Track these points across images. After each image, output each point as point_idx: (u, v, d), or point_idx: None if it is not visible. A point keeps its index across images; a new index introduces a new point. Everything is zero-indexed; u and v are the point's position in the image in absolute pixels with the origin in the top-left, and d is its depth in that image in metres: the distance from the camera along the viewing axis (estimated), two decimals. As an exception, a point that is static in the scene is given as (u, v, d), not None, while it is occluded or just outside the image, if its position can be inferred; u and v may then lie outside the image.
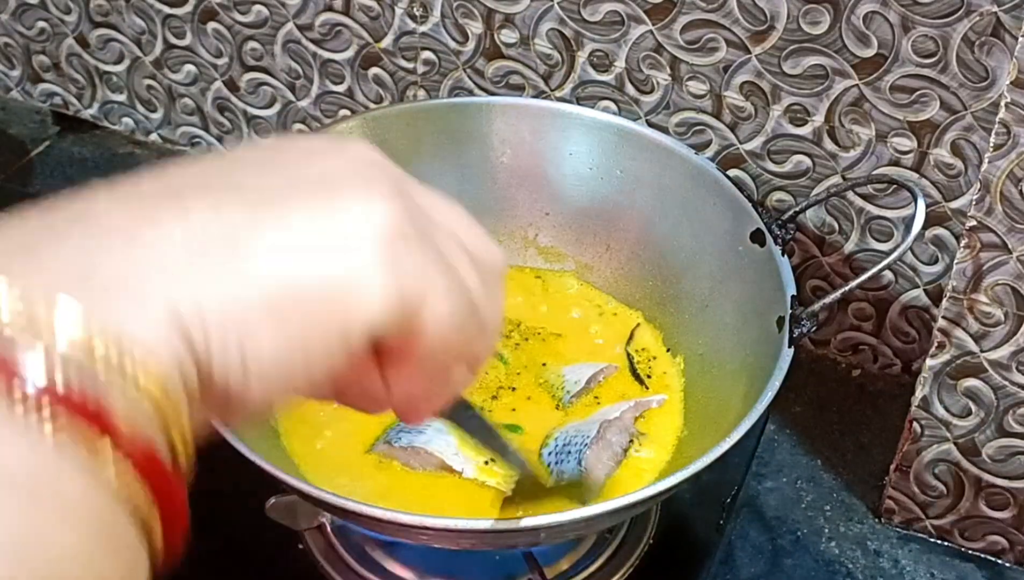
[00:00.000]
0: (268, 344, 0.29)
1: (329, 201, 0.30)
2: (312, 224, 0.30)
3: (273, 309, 0.29)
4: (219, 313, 0.28)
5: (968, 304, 0.66)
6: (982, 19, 0.67)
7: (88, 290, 0.26)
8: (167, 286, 0.27)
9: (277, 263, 0.29)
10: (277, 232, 0.29)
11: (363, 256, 0.30)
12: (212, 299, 0.28)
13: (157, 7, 0.94)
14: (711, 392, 0.71)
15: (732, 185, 0.73)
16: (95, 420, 0.25)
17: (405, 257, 0.30)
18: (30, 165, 1.03)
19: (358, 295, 0.30)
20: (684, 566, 0.70)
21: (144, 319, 0.27)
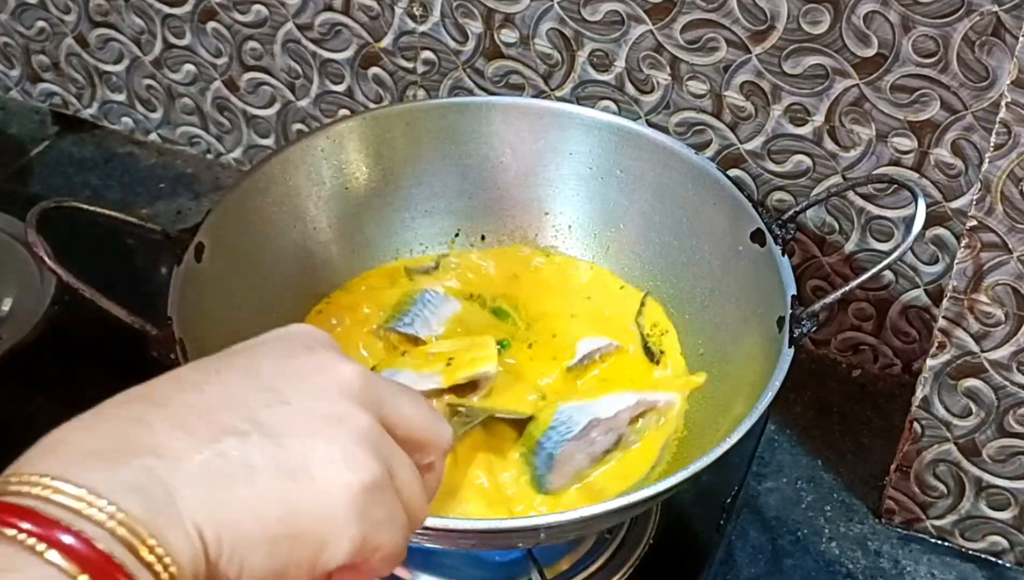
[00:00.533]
0: (260, 566, 0.38)
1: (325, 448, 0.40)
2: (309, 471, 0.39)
3: (271, 544, 0.38)
4: (232, 534, 0.37)
5: (968, 304, 0.66)
6: (982, 19, 0.67)
7: (146, 504, 0.36)
8: (198, 507, 0.37)
9: (280, 509, 0.38)
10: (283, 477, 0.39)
11: (341, 509, 0.39)
12: (230, 524, 0.37)
13: (156, 7, 0.94)
14: (711, 392, 0.71)
15: (732, 185, 0.72)
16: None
17: (370, 508, 0.40)
18: (29, 165, 1.03)
19: (332, 541, 0.39)
20: (684, 566, 0.70)
21: (177, 527, 0.36)
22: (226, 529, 0.37)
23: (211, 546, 0.37)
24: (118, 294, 0.63)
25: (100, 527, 0.35)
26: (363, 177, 0.79)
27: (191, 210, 0.97)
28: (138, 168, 1.02)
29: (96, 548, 0.34)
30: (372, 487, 0.40)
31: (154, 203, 0.98)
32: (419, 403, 0.44)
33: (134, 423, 0.38)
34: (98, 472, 0.36)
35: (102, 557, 0.34)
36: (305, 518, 0.39)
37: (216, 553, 0.37)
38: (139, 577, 0.35)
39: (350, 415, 0.41)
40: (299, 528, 0.39)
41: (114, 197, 0.99)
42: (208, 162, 1.02)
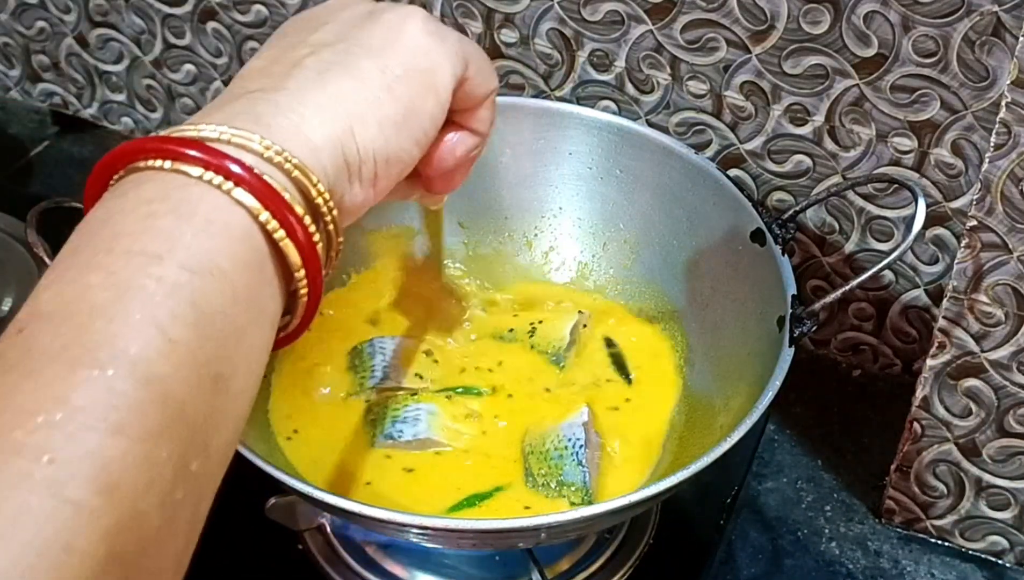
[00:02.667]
0: (392, 110, 0.45)
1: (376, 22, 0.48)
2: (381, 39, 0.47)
3: (389, 89, 0.45)
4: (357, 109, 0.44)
5: (969, 304, 0.66)
6: (983, 19, 0.67)
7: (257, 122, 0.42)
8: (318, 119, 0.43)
9: (378, 65, 0.46)
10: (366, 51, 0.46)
11: (422, 40, 0.48)
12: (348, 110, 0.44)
13: (156, 7, 0.94)
14: (711, 392, 0.71)
15: (732, 185, 0.72)
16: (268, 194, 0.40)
17: (443, 32, 0.49)
18: (29, 165, 1.03)
19: (435, 61, 0.48)
20: (684, 566, 0.70)
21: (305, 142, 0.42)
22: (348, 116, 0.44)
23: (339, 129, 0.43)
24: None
25: (251, 153, 0.40)
26: (363, 177, 0.79)
27: (191, 210, 0.97)
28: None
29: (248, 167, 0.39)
30: (434, 25, 0.48)
31: (154, 203, 0.98)
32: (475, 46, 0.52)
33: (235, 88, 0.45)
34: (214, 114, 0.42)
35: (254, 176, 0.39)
36: (403, 58, 0.46)
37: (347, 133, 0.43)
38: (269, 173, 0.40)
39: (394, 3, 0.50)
40: (403, 67, 0.46)
41: (114, 197, 0.99)
42: (208, 162, 1.01)
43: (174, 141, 0.39)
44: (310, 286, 0.42)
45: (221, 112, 0.42)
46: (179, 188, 0.38)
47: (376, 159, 0.45)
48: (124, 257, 0.36)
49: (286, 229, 0.40)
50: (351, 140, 0.44)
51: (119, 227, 0.37)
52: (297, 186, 0.41)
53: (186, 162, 0.39)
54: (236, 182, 0.39)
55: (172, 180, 0.39)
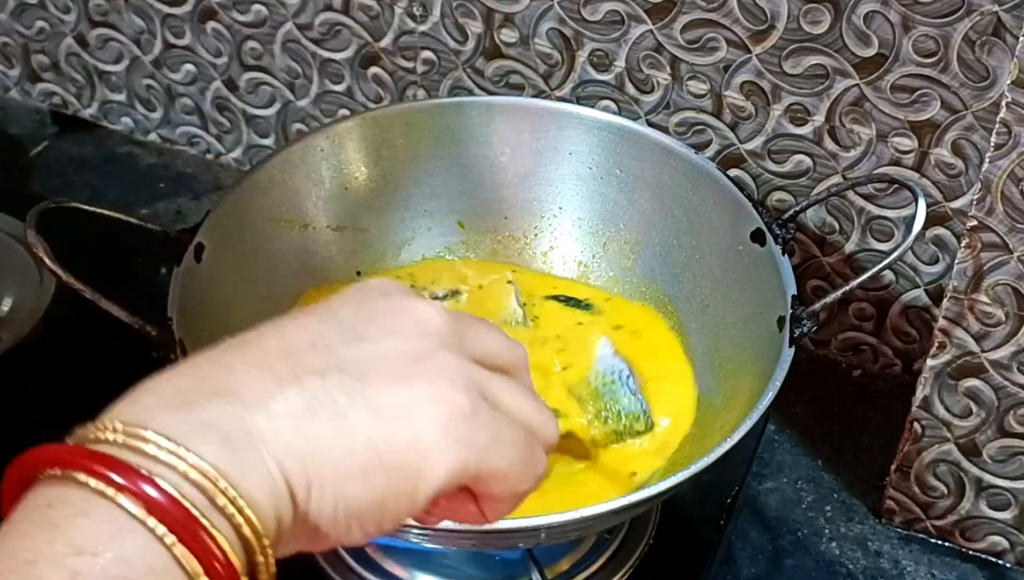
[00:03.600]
0: (357, 498, 0.37)
1: (409, 387, 0.39)
2: (396, 408, 0.38)
3: (364, 472, 0.37)
4: (319, 469, 0.36)
5: (969, 304, 0.66)
6: (983, 18, 0.67)
7: (220, 445, 0.35)
8: (281, 449, 0.36)
9: (368, 437, 0.37)
10: (369, 412, 0.38)
11: (432, 438, 0.39)
12: (315, 458, 0.36)
13: (156, 6, 0.94)
14: (711, 392, 0.71)
15: (732, 185, 0.72)
16: (201, 542, 0.34)
17: (466, 434, 0.39)
18: (29, 165, 1.03)
19: (427, 469, 0.38)
20: (684, 566, 0.70)
21: (259, 473, 0.35)
22: (313, 464, 0.36)
23: (297, 484, 0.36)
24: (118, 294, 0.63)
25: (173, 471, 0.34)
26: (363, 177, 0.79)
27: (191, 210, 0.97)
28: (138, 168, 1.02)
29: (168, 494, 0.34)
30: (463, 415, 0.39)
31: (154, 203, 0.98)
32: (494, 331, 0.44)
33: (214, 366, 0.38)
34: (175, 416, 0.36)
35: (173, 503, 0.34)
36: (396, 448, 0.38)
37: (304, 491, 0.36)
38: (212, 522, 0.34)
39: (432, 353, 0.40)
40: (391, 459, 0.38)
41: (114, 197, 0.99)
42: (208, 162, 1.02)
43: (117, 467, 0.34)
44: None
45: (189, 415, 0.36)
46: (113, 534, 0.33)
47: (320, 529, 0.38)
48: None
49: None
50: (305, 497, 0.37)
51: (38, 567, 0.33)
52: (242, 541, 0.35)
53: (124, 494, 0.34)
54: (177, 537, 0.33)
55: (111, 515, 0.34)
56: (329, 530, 0.37)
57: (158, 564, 0.33)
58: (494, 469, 0.40)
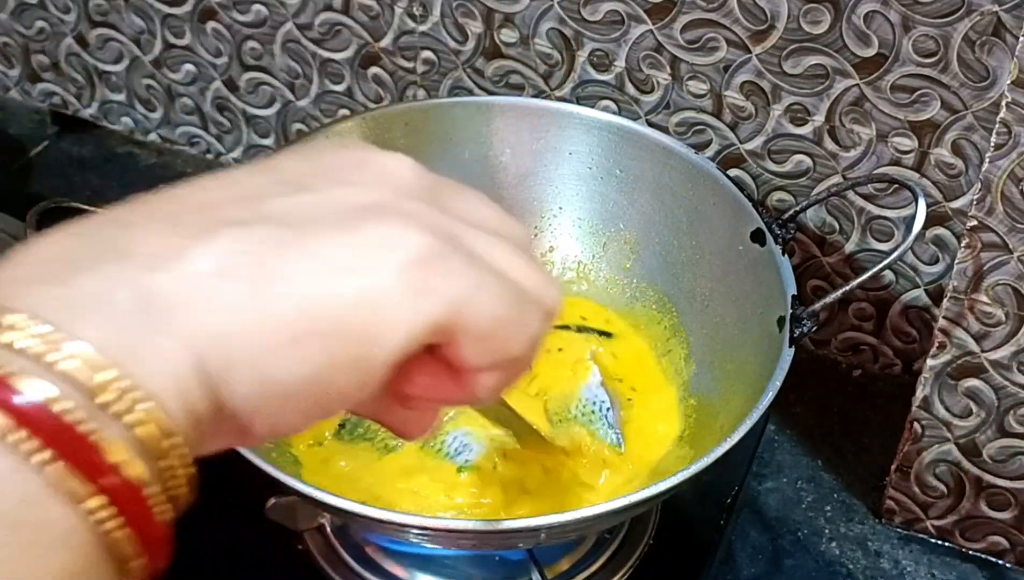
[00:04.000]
0: (286, 374, 0.29)
1: (355, 233, 0.31)
2: (336, 257, 0.30)
3: (294, 341, 0.29)
4: (237, 344, 0.29)
5: (969, 304, 0.66)
6: (983, 18, 0.67)
7: (108, 321, 0.27)
8: (188, 319, 0.28)
9: (300, 296, 0.30)
10: (301, 266, 0.30)
11: (385, 288, 0.30)
12: (231, 331, 0.29)
13: (156, 6, 0.94)
14: (711, 392, 0.71)
15: (732, 185, 0.72)
16: (84, 455, 0.26)
17: (432, 281, 0.31)
18: (29, 165, 1.03)
19: (381, 330, 0.30)
20: (684, 566, 0.70)
21: (159, 353, 0.28)
22: (228, 336, 0.29)
23: (211, 364, 0.29)
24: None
25: (45, 365, 0.26)
26: (363, 177, 0.79)
27: (191, 210, 0.97)
28: (138, 168, 1.02)
29: (34, 402, 0.26)
30: (426, 257, 0.31)
31: (154, 203, 0.98)
32: (489, 202, 0.36)
33: (110, 223, 0.30)
34: (52, 289, 0.28)
35: (42, 410, 0.26)
36: (338, 307, 0.30)
37: (221, 371, 0.29)
38: (98, 426, 0.27)
39: (393, 201, 0.32)
40: (331, 321, 0.30)
41: (114, 197, 0.97)
42: (208, 162, 1.02)
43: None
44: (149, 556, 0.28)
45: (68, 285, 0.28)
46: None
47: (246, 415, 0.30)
48: None
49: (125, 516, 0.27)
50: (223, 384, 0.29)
51: None
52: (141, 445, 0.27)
53: None
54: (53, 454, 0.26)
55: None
56: (256, 419, 0.30)
57: (31, 491, 0.26)
58: (472, 325, 0.32)
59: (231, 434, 0.30)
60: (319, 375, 0.30)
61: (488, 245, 0.33)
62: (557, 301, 0.35)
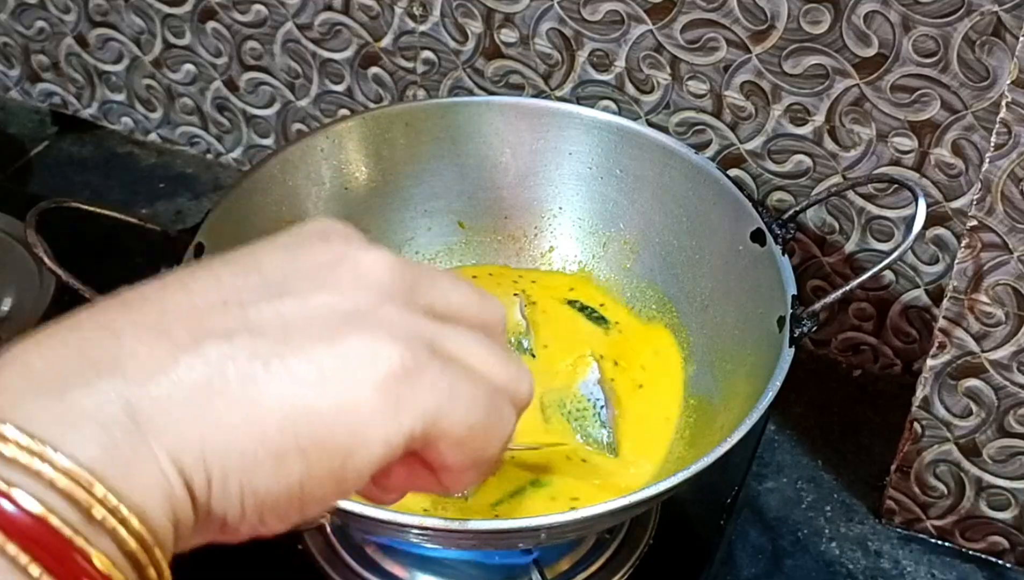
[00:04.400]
0: (266, 488, 0.31)
1: (333, 347, 0.32)
2: (316, 373, 0.32)
3: (276, 456, 0.31)
4: (222, 458, 0.30)
5: (969, 304, 0.66)
6: (983, 18, 0.67)
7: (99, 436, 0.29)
8: (175, 434, 0.30)
9: (281, 413, 0.31)
10: (283, 381, 0.31)
11: (363, 404, 0.32)
12: (217, 445, 0.30)
13: (156, 6, 0.94)
14: (711, 392, 0.71)
15: (732, 185, 0.72)
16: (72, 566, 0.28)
17: (408, 395, 0.32)
18: (29, 165, 1.03)
19: (359, 444, 0.32)
20: (684, 566, 0.70)
21: (148, 468, 0.29)
22: (213, 453, 0.30)
23: (195, 478, 0.30)
24: (118, 294, 0.63)
25: (38, 479, 0.28)
26: (363, 177, 0.79)
27: (191, 210, 0.97)
28: (138, 168, 1.02)
29: (28, 512, 0.27)
30: (403, 372, 0.32)
31: (154, 203, 0.98)
32: (461, 285, 0.37)
33: (99, 331, 0.31)
34: (44, 403, 0.29)
35: (37, 522, 0.27)
36: (318, 423, 0.31)
37: (203, 484, 0.30)
38: (88, 539, 0.28)
39: (372, 308, 0.33)
40: (311, 437, 0.31)
41: (114, 197, 0.99)
42: (208, 162, 1.02)
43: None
44: None
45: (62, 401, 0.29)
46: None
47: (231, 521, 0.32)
48: None
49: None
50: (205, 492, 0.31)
51: None
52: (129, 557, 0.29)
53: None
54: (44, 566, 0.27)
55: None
56: (238, 524, 0.32)
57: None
58: (448, 434, 0.33)
59: (212, 534, 0.32)
60: (300, 486, 0.32)
61: (462, 343, 0.35)
62: (529, 391, 0.37)
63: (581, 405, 0.70)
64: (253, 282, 0.33)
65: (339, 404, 0.32)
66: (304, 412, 0.31)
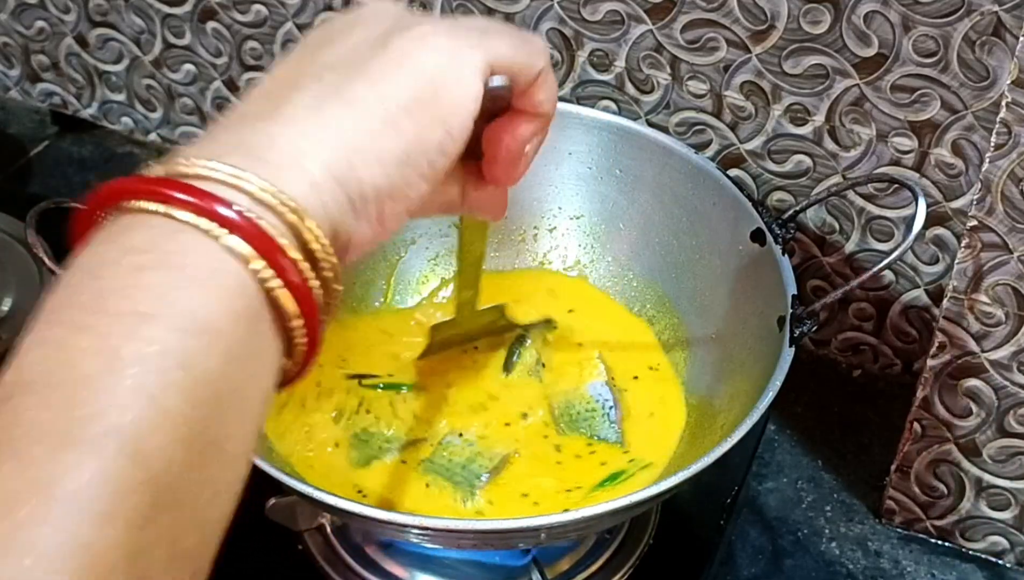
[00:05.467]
0: (393, 148, 0.41)
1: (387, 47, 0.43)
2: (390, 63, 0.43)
3: (389, 123, 0.41)
4: (353, 146, 0.40)
5: (969, 304, 0.66)
6: (983, 18, 0.67)
7: (264, 162, 0.38)
8: (310, 146, 0.40)
9: (377, 94, 0.42)
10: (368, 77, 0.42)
11: (441, 53, 0.43)
12: (344, 139, 0.40)
13: (156, 6, 0.94)
14: (711, 392, 0.71)
15: (732, 185, 0.72)
16: (261, 240, 0.37)
17: (464, 36, 0.44)
18: (29, 165, 1.03)
19: (451, 82, 0.43)
20: (684, 566, 0.70)
21: (299, 175, 0.39)
22: (344, 143, 0.40)
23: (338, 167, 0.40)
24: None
25: (243, 194, 0.37)
26: (363, 177, 0.79)
27: (191, 210, 0.97)
28: (138, 168, 1.01)
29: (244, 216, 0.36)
30: (457, 27, 0.44)
31: (154, 203, 0.98)
32: (510, 34, 0.47)
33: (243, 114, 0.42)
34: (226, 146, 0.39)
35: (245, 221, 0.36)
36: (409, 87, 0.42)
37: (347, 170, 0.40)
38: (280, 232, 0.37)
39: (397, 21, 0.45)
40: (409, 97, 0.42)
41: (114, 197, 0.99)
42: (208, 162, 1.01)
43: (163, 182, 0.37)
44: (308, 335, 0.39)
45: (216, 143, 0.40)
46: (168, 236, 0.36)
47: (380, 196, 0.41)
48: (113, 318, 0.34)
49: (281, 277, 0.37)
50: (351, 176, 0.40)
51: (106, 282, 0.35)
52: (293, 230, 0.38)
53: (175, 206, 0.36)
54: (228, 228, 0.36)
55: (161, 226, 0.36)
56: (386, 202, 0.41)
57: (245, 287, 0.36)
58: (504, 55, 0.45)
59: (369, 224, 0.41)
60: (417, 138, 0.42)
61: (479, 21, 0.48)
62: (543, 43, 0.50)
63: (590, 406, 0.70)
64: (307, 51, 0.45)
65: (418, 73, 0.43)
66: (393, 84, 0.42)
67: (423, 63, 0.43)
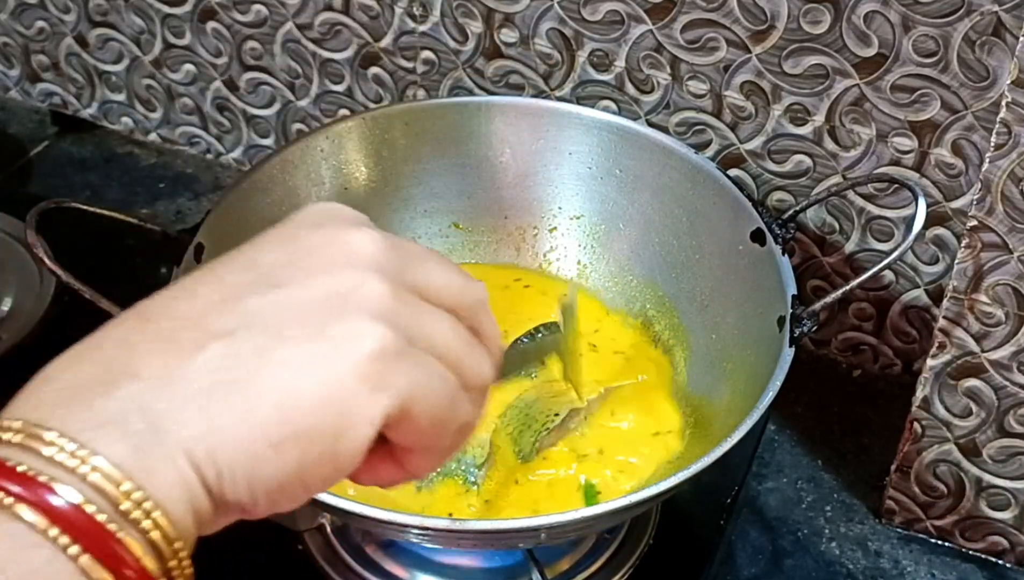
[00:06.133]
0: (270, 477, 0.35)
1: (320, 334, 0.35)
2: (304, 361, 0.35)
3: (274, 450, 0.34)
4: (227, 453, 0.34)
5: (969, 304, 0.66)
6: (983, 18, 0.67)
7: (124, 440, 0.33)
8: (187, 435, 0.33)
9: (274, 405, 0.34)
10: (275, 373, 0.35)
11: (349, 388, 0.35)
12: (221, 441, 0.34)
13: (156, 6, 0.94)
14: (711, 392, 0.71)
15: (732, 185, 0.72)
16: (109, 549, 0.32)
17: (387, 376, 0.35)
18: (29, 165, 1.03)
19: (348, 425, 0.35)
20: (684, 566, 0.70)
21: (166, 466, 0.33)
22: (220, 449, 0.34)
23: (208, 472, 0.34)
24: (118, 294, 0.63)
25: (75, 476, 0.32)
26: (363, 177, 0.79)
27: (191, 210, 0.97)
28: (138, 168, 1.02)
29: (70, 503, 0.31)
30: (382, 354, 0.35)
31: (154, 203, 0.98)
32: (446, 266, 0.40)
33: (118, 346, 0.35)
34: (76, 411, 0.33)
35: (77, 511, 0.31)
36: (307, 410, 0.34)
37: (216, 478, 0.34)
38: (120, 527, 0.32)
39: (357, 287, 0.36)
40: (303, 423, 0.34)
41: (114, 197, 0.99)
42: (208, 162, 1.02)
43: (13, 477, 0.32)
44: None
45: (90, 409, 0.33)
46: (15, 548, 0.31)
47: (246, 505, 0.35)
48: None
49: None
50: (217, 484, 0.34)
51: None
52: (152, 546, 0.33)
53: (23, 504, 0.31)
54: (83, 548, 0.31)
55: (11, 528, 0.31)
56: (252, 508, 0.35)
57: (64, 576, 0.31)
58: (420, 415, 0.36)
59: (235, 516, 0.36)
60: (300, 470, 0.35)
61: (431, 324, 0.38)
62: (485, 376, 0.40)
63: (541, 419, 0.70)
64: (250, 277, 0.37)
65: (325, 387, 0.35)
66: (295, 399, 0.34)
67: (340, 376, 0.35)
